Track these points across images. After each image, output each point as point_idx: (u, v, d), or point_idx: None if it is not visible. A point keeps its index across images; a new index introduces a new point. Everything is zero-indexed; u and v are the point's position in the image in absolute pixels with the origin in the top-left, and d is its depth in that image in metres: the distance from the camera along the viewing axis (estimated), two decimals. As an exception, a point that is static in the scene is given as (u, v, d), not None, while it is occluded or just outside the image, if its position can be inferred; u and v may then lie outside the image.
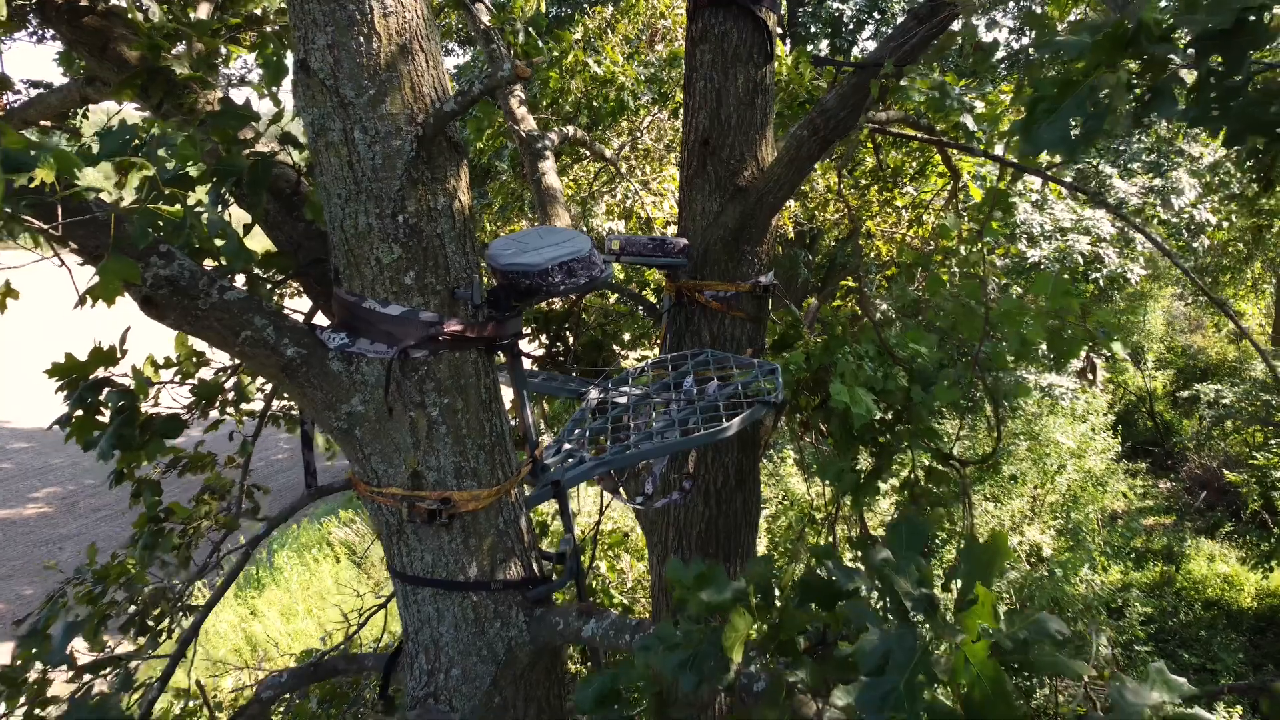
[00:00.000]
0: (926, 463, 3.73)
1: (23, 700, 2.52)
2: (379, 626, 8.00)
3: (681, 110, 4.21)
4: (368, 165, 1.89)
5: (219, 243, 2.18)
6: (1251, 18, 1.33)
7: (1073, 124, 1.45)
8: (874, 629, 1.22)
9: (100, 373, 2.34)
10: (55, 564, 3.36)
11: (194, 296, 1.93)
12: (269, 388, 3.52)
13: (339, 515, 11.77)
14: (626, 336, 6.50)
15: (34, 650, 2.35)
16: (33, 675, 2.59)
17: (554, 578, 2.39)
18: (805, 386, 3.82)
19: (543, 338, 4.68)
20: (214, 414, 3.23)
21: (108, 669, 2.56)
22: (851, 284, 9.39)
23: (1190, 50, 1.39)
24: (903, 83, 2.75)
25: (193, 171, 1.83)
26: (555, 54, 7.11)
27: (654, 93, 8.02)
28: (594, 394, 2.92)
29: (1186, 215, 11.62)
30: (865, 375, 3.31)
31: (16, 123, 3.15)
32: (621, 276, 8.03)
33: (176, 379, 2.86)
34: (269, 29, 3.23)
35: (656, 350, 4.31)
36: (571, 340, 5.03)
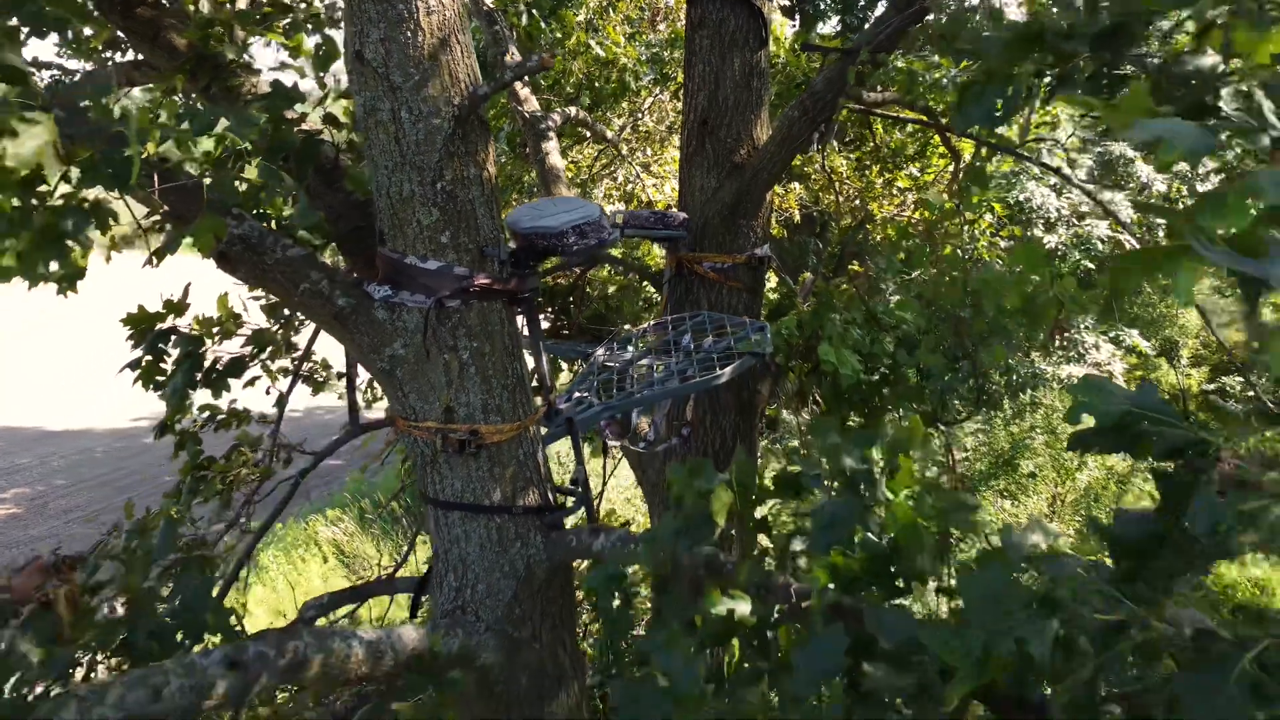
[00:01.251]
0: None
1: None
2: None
3: (682, 92, 4.64)
4: (412, 140, 2.32)
5: (280, 210, 2.61)
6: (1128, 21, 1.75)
7: (997, 104, 1.86)
8: (824, 495, 1.65)
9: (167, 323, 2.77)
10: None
11: (262, 253, 2.37)
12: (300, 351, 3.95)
13: (325, 514, 11.88)
14: (628, 310, 6.92)
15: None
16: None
17: (568, 505, 2.83)
18: (798, 353, 4.26)
19: (549, 310, 5.10)
20: (249, 373, 3.66)
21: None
22: (858, 269, 9.80)
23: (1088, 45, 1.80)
24: (883, 68, 3.17)
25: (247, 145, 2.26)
26: (558, 35, 7.53)
27: (655, 73, 8.43)
28: (601, 352, 3.36)
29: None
30: (852, 338, 3.73)
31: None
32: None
33: (218, 337, 3.29)
34: (301, 16, 3.66)
35: (658, 320, 4.74)
36: (576, 314, 5.46)
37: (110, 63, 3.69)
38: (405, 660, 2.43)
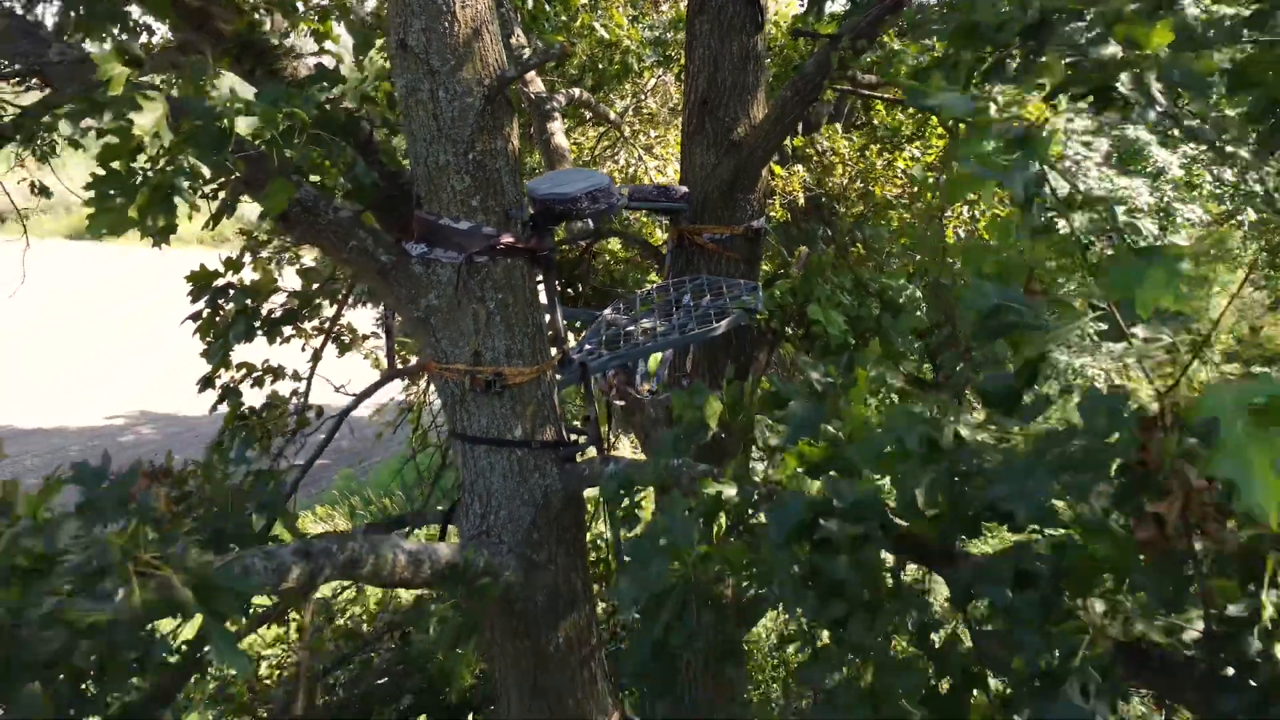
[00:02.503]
0: (898, 385, 4.63)
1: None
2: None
3: (683, 74, 5.10)
4: (448, 116, 2.79)
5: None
6: (1056, 16, 2.20)
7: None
8: (796, 401, 2.12)
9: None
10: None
11: (316, 214, 2.84)
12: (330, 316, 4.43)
13: (315, 511, 12.19)
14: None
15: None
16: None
17: (580, 441, 3.31)
18: (791, 319, 4.73)
19: (558, 282, 5.57)
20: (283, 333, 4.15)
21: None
22: (863, 251, 10.23)
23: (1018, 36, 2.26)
24: (867, 53, 3.62)
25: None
26: (563, 18, 7.98)
27: (658, 55, 8.88)
28: (609, 312, 3.84)
29: (1232, 186, 11.66)
30: (839, 301, 4.19)
31: (73, 84, 4.05)
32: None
33: (265, 296, 3.76)
34: (329, 3, 4.14)
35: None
36: (581, 287, 5.94)
37: (158, 47, 4.15)
38: (440, 570, 2.90)
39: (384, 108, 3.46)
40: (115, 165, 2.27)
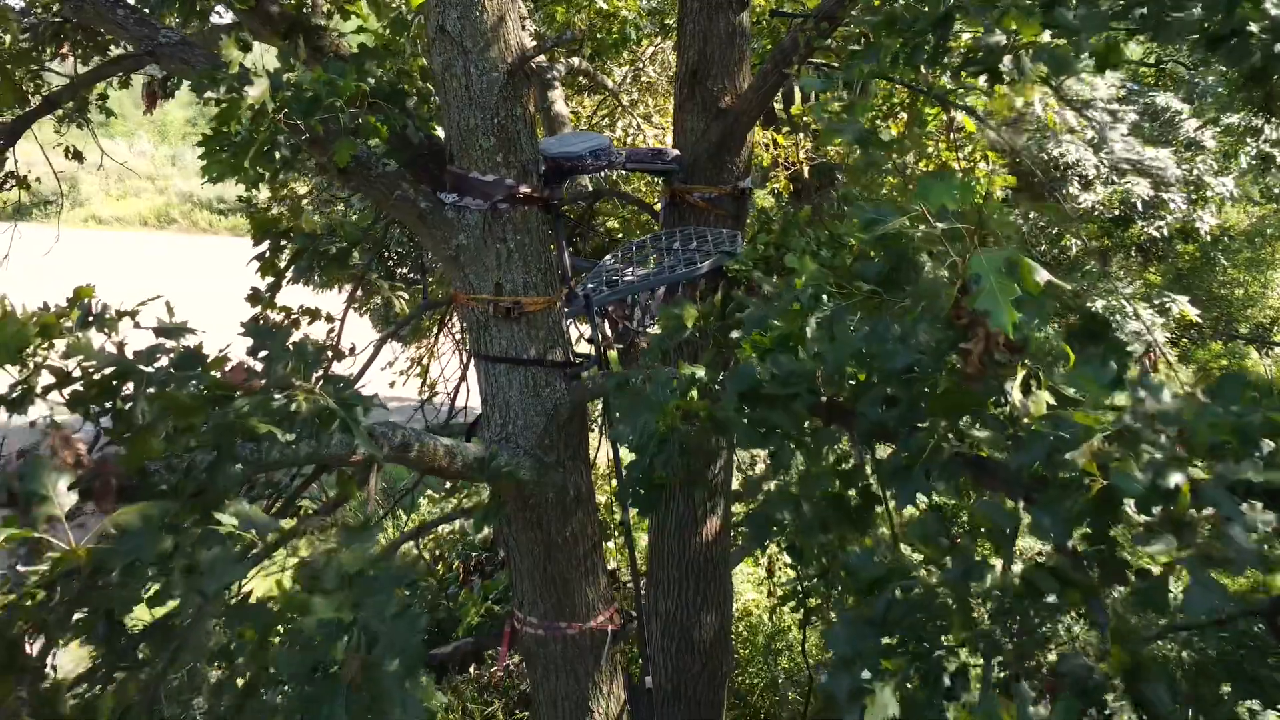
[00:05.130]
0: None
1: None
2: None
3: (675, 46, 5.99)
4: (478, 88, 3.68)
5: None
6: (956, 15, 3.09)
7: (866, 69, 3.19)
8: (751, 305, 3.02)
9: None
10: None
11: (369, 169, 3.73)
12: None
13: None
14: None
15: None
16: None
17: (584, 362, 4.22)
18: (775, 269, 5.62)
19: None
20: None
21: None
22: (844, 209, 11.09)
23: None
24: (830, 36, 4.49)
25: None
26: (562, -10, 8.84)
27: (655, 25, 9.74)
28: (608, 258, 4.73)
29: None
30: (815, 252, 5.07)
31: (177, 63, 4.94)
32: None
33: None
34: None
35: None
36: (582, 246, 6.85)
37: (206, 26, 5.04)
38: (470, 463, 3.81)
39: (416, 80, 4.34)
40: (226, 128, 3.16)
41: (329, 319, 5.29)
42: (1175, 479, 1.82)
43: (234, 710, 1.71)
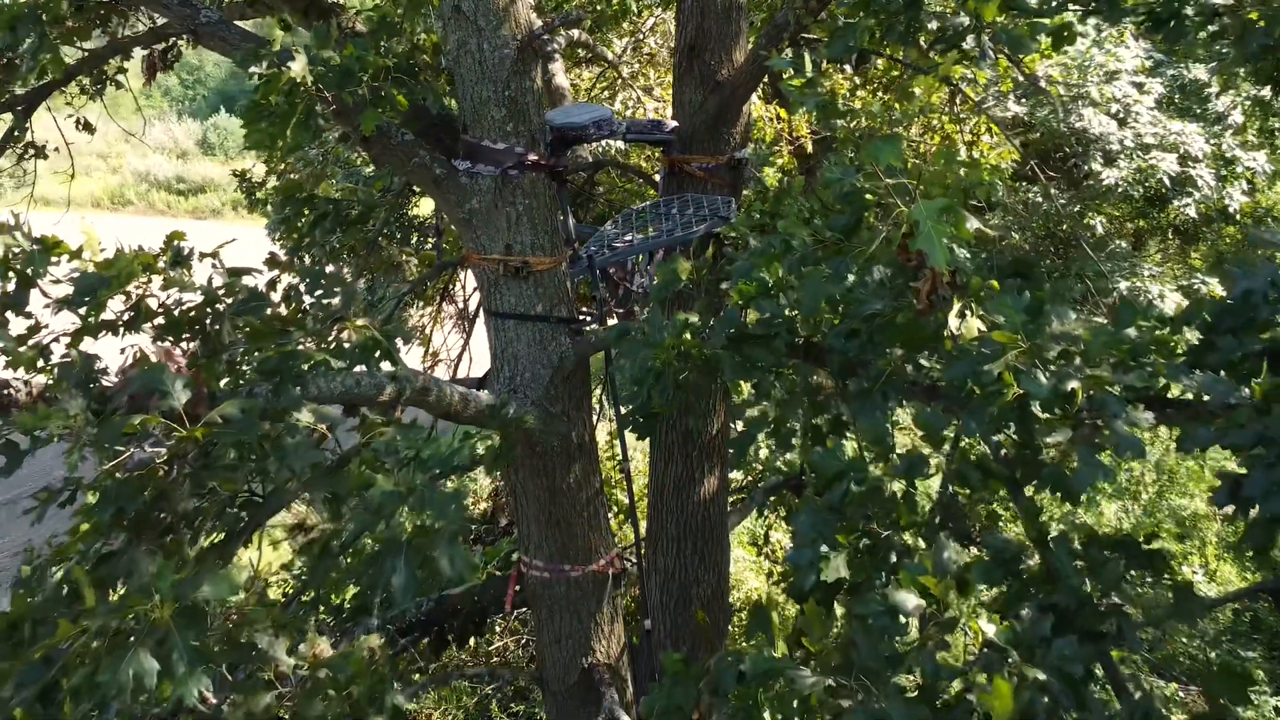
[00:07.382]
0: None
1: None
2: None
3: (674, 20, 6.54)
4: (491, 63, 4.24)
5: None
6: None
7: (849, 44, 3.74)
8: (739, 259, 3.59)
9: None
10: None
11: (389, 137, 4.29)
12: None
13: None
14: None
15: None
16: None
17: (587, 319, 4.79)
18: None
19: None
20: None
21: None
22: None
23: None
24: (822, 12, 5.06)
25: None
26: (563, -38, 9.38)
27: (656, -2, 10.27)
28: (609, 224, 5.30)
29: None
30: (807, 219, 5.63)
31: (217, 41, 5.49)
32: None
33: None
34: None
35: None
36: (583, 215, 7.43)
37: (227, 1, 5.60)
38: (482, 409, 4.38)
39: (429, 55, 4.90)
40: (266, 100, 3.73)
41: (342, 283, 5.88)
42: (1071, 384, 2.39)
43: (313, 560, 2.30)
